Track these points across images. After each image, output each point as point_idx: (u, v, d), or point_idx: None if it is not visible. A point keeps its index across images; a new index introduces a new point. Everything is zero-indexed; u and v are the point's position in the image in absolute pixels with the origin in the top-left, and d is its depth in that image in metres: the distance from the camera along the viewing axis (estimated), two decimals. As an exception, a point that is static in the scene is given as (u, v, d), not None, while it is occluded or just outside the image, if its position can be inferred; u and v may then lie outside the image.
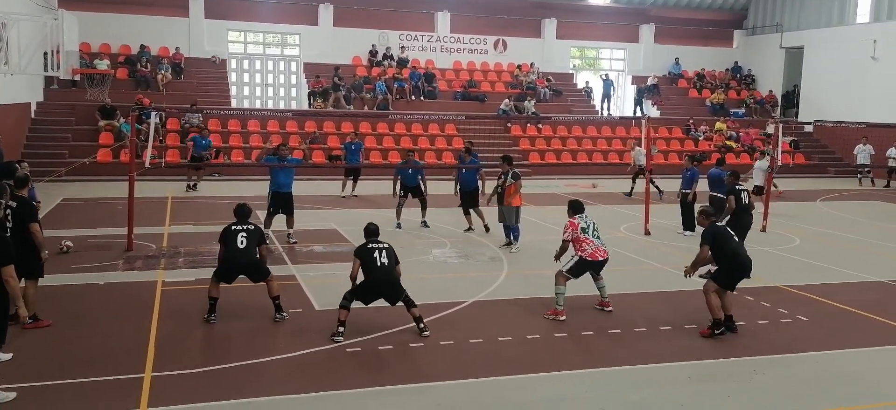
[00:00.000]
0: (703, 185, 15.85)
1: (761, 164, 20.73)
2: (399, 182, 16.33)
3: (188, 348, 8.31)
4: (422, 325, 8.91)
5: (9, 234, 8.01)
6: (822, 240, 16.02)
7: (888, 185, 26.80)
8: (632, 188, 21.66)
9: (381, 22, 32.07)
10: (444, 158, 26.75)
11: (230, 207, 15.52)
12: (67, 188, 20.18)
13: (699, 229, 9.94)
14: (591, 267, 9.96)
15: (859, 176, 27.78)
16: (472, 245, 14.38)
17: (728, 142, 30.71)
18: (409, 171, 16.37)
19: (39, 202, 11.79)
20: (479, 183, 15.97)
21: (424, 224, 16.13)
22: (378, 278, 8.83)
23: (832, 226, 17.90)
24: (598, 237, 9.95)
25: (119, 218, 14.81)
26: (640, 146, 21.23)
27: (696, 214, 10.25)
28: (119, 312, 9.68)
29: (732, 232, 9.52)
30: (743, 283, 9.51)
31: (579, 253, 9.85)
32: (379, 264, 8.84)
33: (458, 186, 15.83)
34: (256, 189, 17.41)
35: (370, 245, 9.05)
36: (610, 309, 10.04)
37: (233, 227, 9.56)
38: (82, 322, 9.22)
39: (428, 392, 7.33)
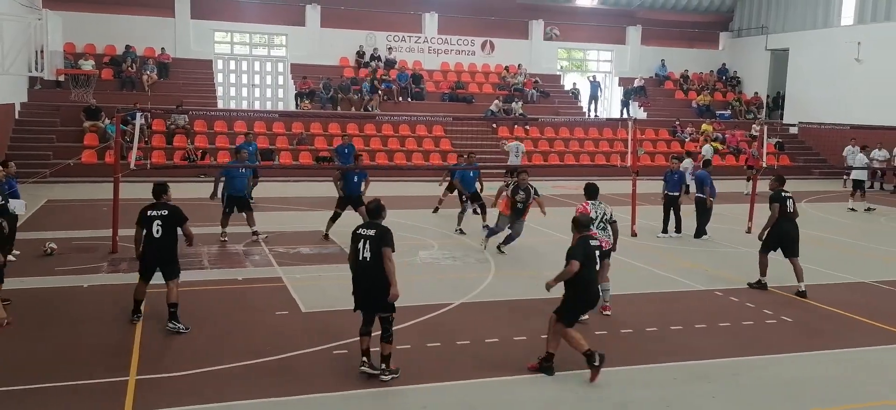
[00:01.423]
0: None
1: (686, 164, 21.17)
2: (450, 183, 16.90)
3: (173, 351, 8.26)
4: (386, 368, 7.42)
5: None
6: (806, 242, 16.04)
7: (872, 187, 27.01)
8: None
9: (368, 23, 32.03)
10: (432, 160, 26.76)
11: (217, 209, 15.51)
12: (52, 189, 20.01)
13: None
14: None
15: (845, 178, 27.97)
16: (459, 247, 14.38)
17: (714, 144, 30.85)
18: (471, 174, 16.60)
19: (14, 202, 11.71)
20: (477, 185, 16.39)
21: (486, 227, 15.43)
22: (356, 275, 7.58)
23: (817, 228, 18.01)
24: (602, 229, 9.82)
25: (104, 220, 14.70)
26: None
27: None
28: (103, 315, 9.60)
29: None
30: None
31: None
32: (360, 258, 7.49)
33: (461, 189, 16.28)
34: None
35: (360, 230, 7.66)
36: (607, 313, 9.92)
37: (149, 211, 9.07)
38: (66, 324, 9.15)
39: (414, 394, 7.32)
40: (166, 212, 9.09)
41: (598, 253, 8.08)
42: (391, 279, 7.44)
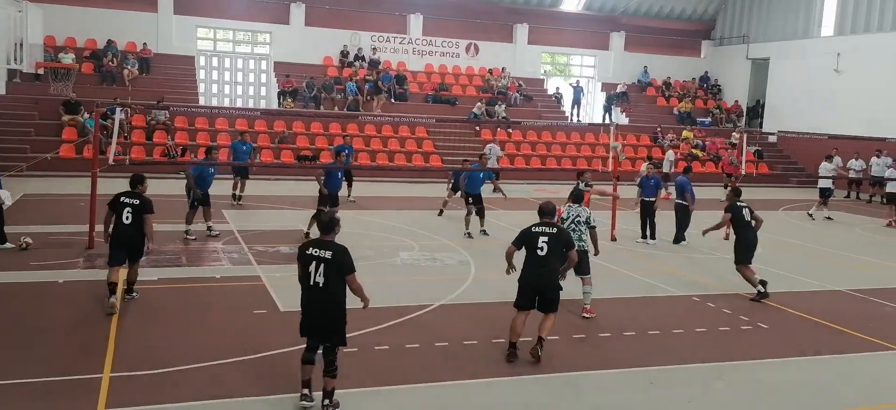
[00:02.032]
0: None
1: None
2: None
3: (148, 348, 8.18)
4: (329, 402, 6.71)
5: None
6: (783, 249, 16.30)
7: (849, 196, 27.36)
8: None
9: (352, 22, 31.96)
10: (414, 161, 26.76)
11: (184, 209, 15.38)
12: (29, 183, 19.75)
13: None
14: None
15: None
16: (440, 248, 14.38)
17: (694, 151, 31.13)
18: (481, 176, 16.38)
19: None
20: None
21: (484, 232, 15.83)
22: (306, 301, 6.76)
23: (794, 236, 18.23)
24: (571, 230, 9.94)
25: (81, 215, 14.53)
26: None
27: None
28: (78, 311, 9.50)
29: (539, 244, 8.19)
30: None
31: None
32: (312, 283, 6.67)
33: (467, 190, 16.13)
34: (222, 187, 17.21)
35: (310, 250, 6.75)
36: (587, 315, 10.00)
37: (121, 197, 9.58)
38: (40, 320, 9.04)
39: (392, 395, 7.31)
40: (137, 202, 9.57)
41: (542, 240, 8.21)
42: (362, 297, 6.92)
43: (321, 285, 6.62)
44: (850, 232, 19.62)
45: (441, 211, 18.15)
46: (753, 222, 11.83)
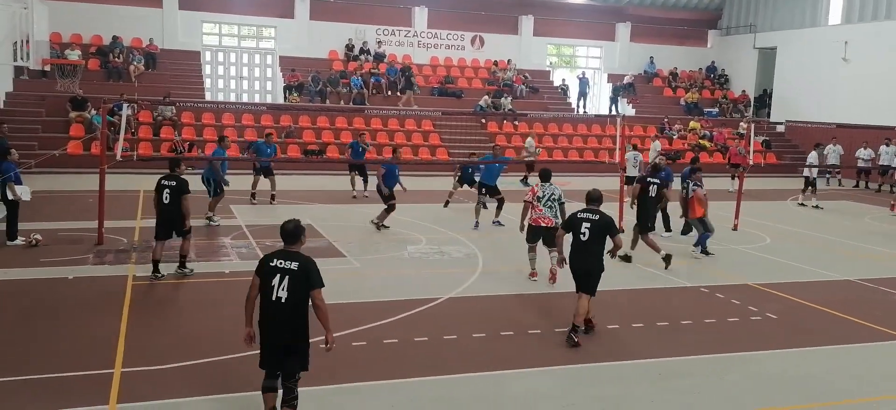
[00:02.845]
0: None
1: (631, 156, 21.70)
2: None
3: (159, 343, 8.23)
4: None
5: None
6: (792, 239, 16.26)
7: (857, 185, 27.26)
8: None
9: (357, 16, 31.94)
10: (421, 154, 26.75)
11: (203, 201, 15.43)
12: (37, 180, 19.79)
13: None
14: (536, 232, 11.29)
15: (827, 176, 28.24)
16: (447, 241, 14.39)
17: (701, 142, 31.04)
18: (497, 167, 16.64)
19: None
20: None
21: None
22: (267, 321, 6.03)
23: (802, 226, 18.17)
24: (548, 207, 11.17)
25: (90, 212, 14.60)
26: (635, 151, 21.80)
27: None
28: (89, 307, 9.56)
29: (582, 229, 8.72)
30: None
31: (529, 221, 11.31)
32: (274, 297, 5.97)
33: (483, 181, 16.43)
34: (235, 182, 17.24)
35: (274, 262, 6.07)
36: (553, 283, 11.14)
37: (162, 181, 10.83)
38: (51, 316, 9.09)
39: (402, 388, 7.33)
40: (174, 183, 10.81)
41: (585, 226, 8.70)
42: (326, 324, 6.05)
43: (284, 300, 5.92)
44: (859, 221, 19.55)
45: (447, 203, 18.21)
46: (657, 197, 13.22)
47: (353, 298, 10.29)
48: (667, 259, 12.43)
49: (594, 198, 8.95)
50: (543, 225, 11.16)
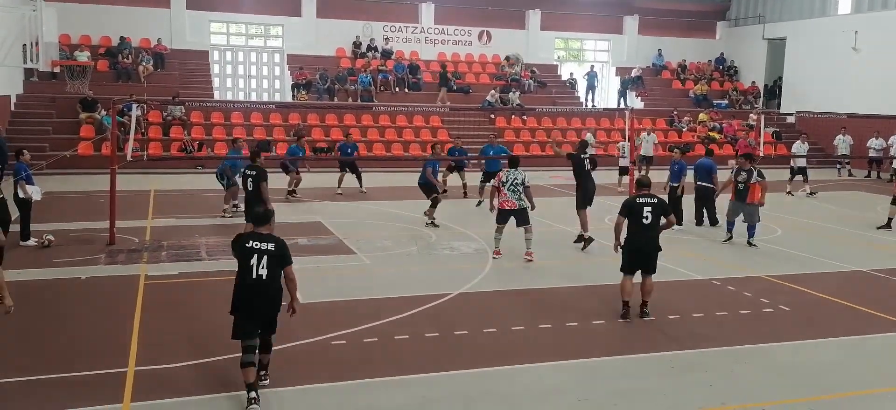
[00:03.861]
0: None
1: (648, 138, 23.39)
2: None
3: (171, 342, 8.26)
4: (264, 374, 7.01)
5: None
6: (803, 231, 16.17)
7: (869, 175, 27.07)
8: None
9: (364, 13, 31.93)
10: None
11: (215, 200, 15.51)
12: (48, 181, 19.92)
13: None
14: (504, 215, 12.29)
15: (838, 166, 28.08)
16: (456, 237, 14.39)
17: (711, 134, 30.89)
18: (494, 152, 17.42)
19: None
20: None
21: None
22: (250, 295, 6.68)
23: (814, 217, 18.07)
24: (512, 191, 12.14)
25: (101, 212, 14.67)
26: (649, 134, 22.03)
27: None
28: (101, 306, 9.62)
29: (644, 213, 9.20)
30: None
31: (499, 205, 12.27)
32: (255, 276, 6.63)
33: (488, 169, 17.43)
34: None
35: (250, 243, 6.72)
36: (530, 259, 12.12)
37: (245, 171, 12.39)
38: (64, 316, 9.15)
39: (413, 384, 7.34)
40: (255, 172, 12.21)
41: (647, 210, 9.15)
42: (294, 294, 6.86)
43: (264, 277, 6.63)
44: (870, 211, 19.40)
45: (444, 191, 18.38)
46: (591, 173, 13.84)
47: (364, 295, 10.31)
48: (587, 240, 13.29)
49: (646, 184, 9.48)
50: (508, 208, 12.22)
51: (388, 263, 12.24)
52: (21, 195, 12.64)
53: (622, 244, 9.40)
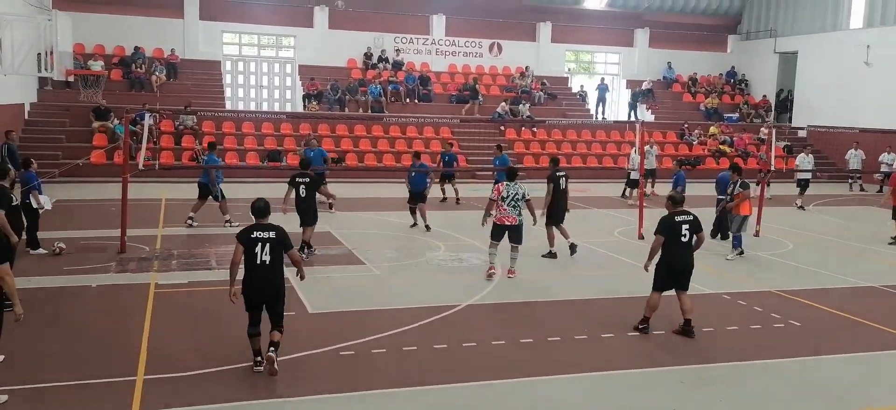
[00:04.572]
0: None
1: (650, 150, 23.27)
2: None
3: (181, 351, 8.29)
4: (272, 350, 7.54)
5: None
6: (814, 245, 16.08)
7: (881, 191, 26.87)
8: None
9: (376, 24, 32.09)
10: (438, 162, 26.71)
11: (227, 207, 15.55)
12: (61, 189, 20.10)
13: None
14: (500, 230, 11.70)
15: (850, 181, 27.92)
16: (466, 248, 14.38)
17: (722, 147, 30.79)
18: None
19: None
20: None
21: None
22: (255, 280, 7.58)
23: (825, 231, 17.97)
24: (512, 206, 11.63)
25: (112, 220, 14.77)
26: (652, 148, 22.04)
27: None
28: (111, 314, 9.66)
29: (683, 231, 9.05)
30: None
31: (494, 219, 11.72)
32: (259, 261, 7.53)
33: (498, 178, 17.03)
34: (253, 190, 17.34)
35: (255, 233, 7.61)
36: (512, 276, 11.79)
37: (296, 177, 12.94)
38: (75, 324, 9.20)
39: (422, 395, 7.33)
40: (308, 180, 12.98)
41: (685, 228, 9.02)
42: (300, 267, 8.04)
43: (268, 262, 7.55)
44: (882, 227, 19.26)
45: (444, 198, 19.59)
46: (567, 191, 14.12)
47: (373, 305, 10.33)
48: (552, 255, 13.51)
49: (681, 200, 9.39)
50: (508, 223, 11.68)
51: (398, 274, 12.25)
52: (33, 205, 12.71)
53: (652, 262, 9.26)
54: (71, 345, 8.41)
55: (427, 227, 15.96)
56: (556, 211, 13.73)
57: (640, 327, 9.26)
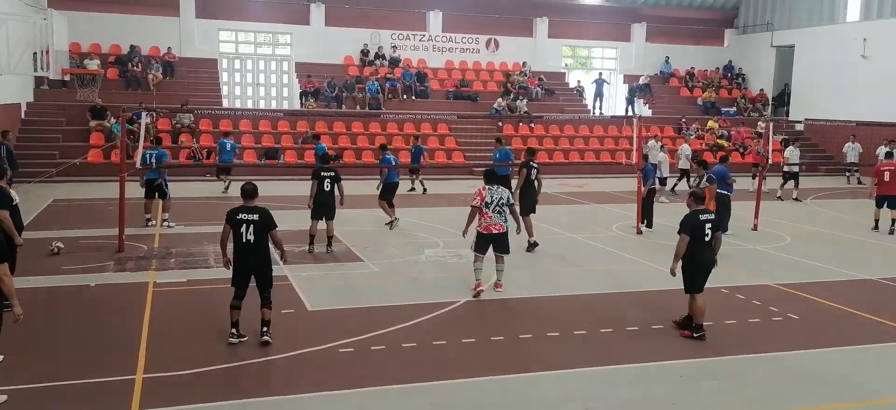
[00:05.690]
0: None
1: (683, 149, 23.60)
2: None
3: (179, 349, 8.27)
4: (266, 330, 8.30)
5: None
6: (813, 239, 16.10)
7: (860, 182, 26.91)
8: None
9: (372, 21, 32.04)
10: (437, 158, 26.75)
11: (223, 206, 15.51)
12: (58, 189, 20.08)
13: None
14: (486, 240, 10.56)
15: (847, 174, 27.95)
16: (465, 245, 14.35)
17: (719, 141, 30.81)
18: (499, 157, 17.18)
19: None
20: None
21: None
22: (242, 256, 8.28)
23: (823, 225, 17.99)
24: (498, 212, 10.54)
25: (110, 219, 14.75)
26: (656, 142, 22.03)
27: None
28: (110, 314, 9.64)
29: (706, 230, 8.80)
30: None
31: (478, 228, 10.60)
32: (244, 241, 8.17)
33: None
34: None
35: (240, 215, 8.23)
36: (499, 289, 10.74)
37: (321, 172, 13.08)
38: (73, 323, 9.18)
39: (421, 392, 7.33)
40: (333, 173, 13.16)
41: (708, 227, 8.77)
42: (281, 249, 8.49)
43: (252, 242, 8.15)
44: (881, 220, 19.30)
45: (425, 190, 19.91)
46: (537, 182, 14.05)
47: (372, 302, 10.32)
48: (532, 245, 13.44)
49: (701, 197, 9.13)
50: (495, 231, 10.46)
51: (396, 271, 12.24)
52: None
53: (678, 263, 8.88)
54: (70, 345, 8.40)
55: (394, 222, 15.95)
56: (528, 200, 13.84)
57: (696, 335, 8.88)
